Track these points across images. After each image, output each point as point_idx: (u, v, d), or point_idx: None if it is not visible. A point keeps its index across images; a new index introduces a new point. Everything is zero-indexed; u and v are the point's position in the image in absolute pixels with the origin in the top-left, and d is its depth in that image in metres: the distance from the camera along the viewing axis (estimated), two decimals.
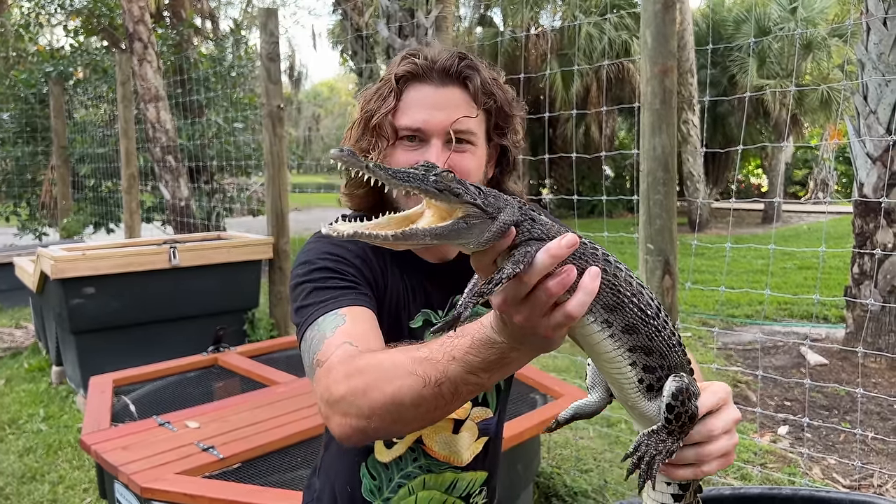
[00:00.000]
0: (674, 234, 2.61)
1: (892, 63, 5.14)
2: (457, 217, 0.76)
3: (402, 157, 1.24)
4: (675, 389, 0.85)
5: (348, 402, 0.98)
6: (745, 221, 17.32)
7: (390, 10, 6.68)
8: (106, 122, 10.13)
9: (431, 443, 1.37)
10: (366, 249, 1.29)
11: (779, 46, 16.11)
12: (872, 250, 5.21)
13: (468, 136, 1.24)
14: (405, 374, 0.92)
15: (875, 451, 3.89)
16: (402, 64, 1.25)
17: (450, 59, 1.23)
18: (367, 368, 0.97)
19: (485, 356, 0.86)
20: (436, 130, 1.22)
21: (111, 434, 2.69)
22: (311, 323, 1.15)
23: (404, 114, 1.24)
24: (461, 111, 1.23)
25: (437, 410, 0.94)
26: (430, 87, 1.24)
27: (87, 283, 4.48)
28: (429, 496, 1.39)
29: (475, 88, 1.24)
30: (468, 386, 0.89)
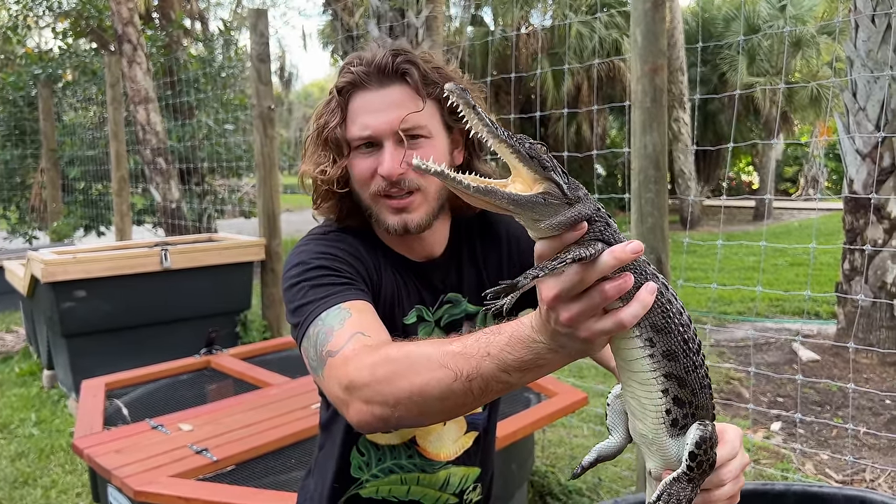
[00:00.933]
0: (665, 232, 2.61)
1: (880, 60, 5.17)
2: (537, 191, 0.76)
3: (361, 166, 1.26)
4: (699, 438, 0.85)
5: (373, 390, 0.98)
6: (737, 219, 17.39)
7: (380, 11, 6.66)
8: (95, 124, 10.08)
9: (425, 442, 1.37)
10: (359, 248, 1.29)
11: (768, 44, 16.18)
12: (862, 246, 5.24)
13: (419, 131, 1.24)
14: (436, 367, 0.92)
15: (867, 446, 3.91)
16: (342, 75, 1.26)
17: (384, 57, 1.23)
18: (397, 358, 0.97)
19: (520, 355, 0.86)
20: (384, 133, 1.23)
21: (104, 438, 2.67)
22: (313, 319, 1.15)
23: (352, 124, 1.25)
24: (406, 107, 1.23)
25: (464, 406, 0.95)
26: (371, 91, 1.24)
27: (78, 286, 4.46)
28: (422, 492, 1.40)
29: (415, 81, 1.23)
30: (499, 384, 0.89)
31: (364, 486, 1.40)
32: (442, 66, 1.29)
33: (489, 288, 0.81)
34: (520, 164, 0.76)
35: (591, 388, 4.43)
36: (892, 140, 5.20)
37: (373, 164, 1.24)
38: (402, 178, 1.24)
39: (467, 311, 1.36)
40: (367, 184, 1.27)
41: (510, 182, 0.78)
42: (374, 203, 1.27)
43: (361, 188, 1.28)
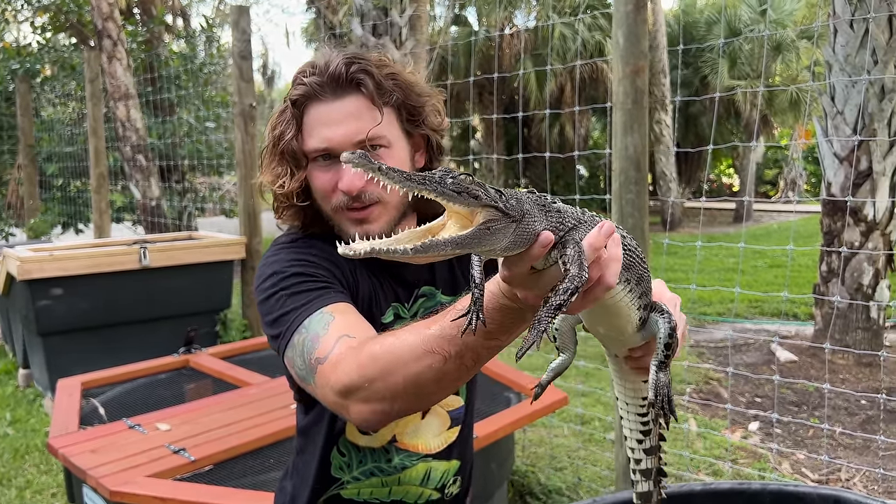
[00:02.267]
0: (646, 233, 2.63)
1: (858, 65, 5.24)
2: (478, 223, 0.72)
3: (321, 180, 1.25)
4: (669, 329, 0.92)
5: (367, 390, 0.99)
6: (717, 220, 17.54)
7: (364, 9, 6.65)
8: (74, 120, 9.96)
9: (402, 436, 1.38)
10: (331, 252, 1.28)
11: (749, 48, 16.34)
12: (840, 249, 5.31)
13: (378, 141, 1.23)
14: (424, 354, 0.93)
15: (843, 446, 3.96)
16: (295, 86, 1.25)
17: (338, 67, 1.21)
18: (381, 355, 0.98)
19: (501, 321, 0.88)
20: (342, 146, 1.22)
21: (80, 437, 2.64)
22: (297, 328, 1.14)
23: (309, 136, 1.24)
24: (363, 118, 1.23)
25: (460, 379, 0.98)
26: (326, 103, 1.23)
27: (54, 284, 4.41)
28: (404, 490, 1.41)
29: (370, 91, 1.22)
30: (489, 350, 0.93)
31: (345, 487, 1.40)
32: (398, 71, 1.28)
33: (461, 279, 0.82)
34: (451, 204, 0.72)
35: (571, 388, 4.45)
36: (869, 144, 5.27)
37: (333, 178, 1.24)
38: (363, 191, 1.23)
39: (442, 301, 1.37)
40: (328, 198, 1.26)
41: (447, 219, 0.75)
42: (336, 215, 1.27)
43: (322, 201, 1.27)
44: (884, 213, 5.37)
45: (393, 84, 1.25)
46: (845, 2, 5.25)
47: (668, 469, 3.52)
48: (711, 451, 3.83)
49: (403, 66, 1.30)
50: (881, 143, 5.26)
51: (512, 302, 0.85)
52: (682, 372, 5.27)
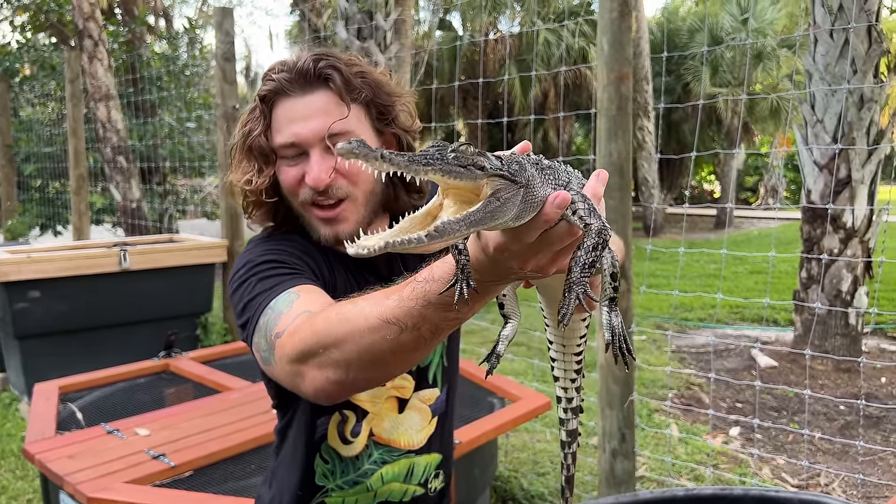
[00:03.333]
0: (629, 239, 2.64)
1: (837, 74, 5.31)
2: (486, 196, 0.67)
3: (288, 175, 1.24)
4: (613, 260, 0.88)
5: (322, 356, 0.97)
6: (699, 226, 17.68)
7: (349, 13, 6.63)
8: (53, 120, 9.84)
9: (379, 430, 1.37)
10: (306, 246, 1.28)
11: (731, 56, 16.52)
12: (820, 256, 5.37)
13: (346, 136, 1.21)
14: (380, 324, 0.90)
15: (822, 451, 4.00)
16: (265, 83, 1.25)
17: (306, 63, 1.21)
18: (336, 322, 0.96)
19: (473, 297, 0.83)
20: (310, 141, 1.22)
21: (56, 442, 2.60)
22: (263, 309, 1.13)
23: (277, 132, 1.24)
24: (331, 114, 1.22)
25: (418, 351, 0.94)
26: (294, 99, 1.23)
27: (32, 286, 4.34)
28: (388, 490, 1.39)
29: (339, 87, 1.21)
30: (449, 322, 0.89)
31: (330, 496, 1.38)
32: (367, 69, 1.27)
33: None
34: (457, 180, 0.67)
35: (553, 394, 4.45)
36: (848, 152, 5.34)
37: (299, 173, 1.23)
38: (330, 186, 1.22)
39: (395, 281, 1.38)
40: (295, 193, 1.25)
41: (443, 198, 0.71)
42: (305, 212, 1.26)
43: (290, 197, 1.27)
44: (862, 220, 5.44)
45: (362, 81, 1.24)
46: (825, 12, 5.32)
47: (649, 475, 3.54)
48: (693, 457, 3.85)
49: (374, 67, 1.30)
50: (860, 151, 5.33)
51: (478, 274, 0.81)
52: (664, 377, 5.30)
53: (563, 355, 1.04)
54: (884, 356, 5.76)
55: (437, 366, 1.43)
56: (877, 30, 5.24)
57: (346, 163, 0.89)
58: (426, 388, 1.40)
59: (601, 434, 2.75)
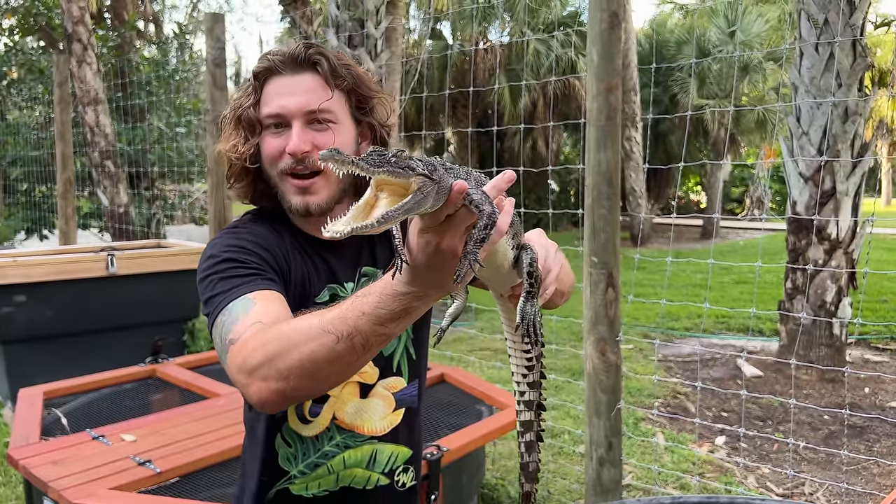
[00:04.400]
0: (617, 248, 2.66)
1: (823, 87, 5.38)
2: (414, 190, 0.84)
3: (271, 144, 1.34)
4: (530, 260, 1.07)
5: (267, 367, 1.04)
6: (685, 236, 17.80)
7: (340, 20, 6.65)
8: (41, 124, 9.78)
9: (342, 414, 1.40)
10: (267, 237, 1.36)
11: (717, 68, 16.67)
12: (806, 266, 5.42)
13: (327, 115, 1.33)
14: (319, 334, 1.00)
15: (806, 461, 4.03)
16: (259, 62, 1.37)
17: (298, 48, 1.35)
18: (282, 334, 1.04)
19: (392, 308, 0.95)
20: (293, 113, 1.32)
21: (41, 448, 2.58)
22: (221, 309, 1.20)
23: (265, 104, 1.35)
24: (315, 93, 1.33)
25: (351, 365, 1.03)
26: (284, 77, 1.34)
27: (17, 290, 4.31)
28: (350, 474, 1.42)
29: (325, 71, 1.34)
30: (378, 337, 0.98)
31: (293, 482, 1.41)
32: (351, 63, 1.39)
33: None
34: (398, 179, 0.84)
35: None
36: (833, 164, 5.40)
37: (281, 144, 1.32)
38: (307, 156, 1.32)
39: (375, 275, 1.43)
40: (275, 162, 1.35)
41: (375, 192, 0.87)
42: (281, 182, 1.35)
43: (270, 166, 1.36)
44: (846, 232, 5.50)
45: (346, 71, 1.36)
46: (811, 26, 5.39)
47: (635, 483, 3.55)
48: (679, 465, 3.86)
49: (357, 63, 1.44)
50: (844, 163, 5.40)
51: (407, 286, 0.93)
52: (651, 386, 5.33)
53: (514, 350, 1.20)
54: (867, 366, 5.82)
55: (401, 354, 1.47)
56: (861, 44, 5.32)
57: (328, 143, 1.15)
58: (391, 376, 1.45)
59: (588, 442, 2.76)
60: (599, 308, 2.63)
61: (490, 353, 6.17)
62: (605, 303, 2.62)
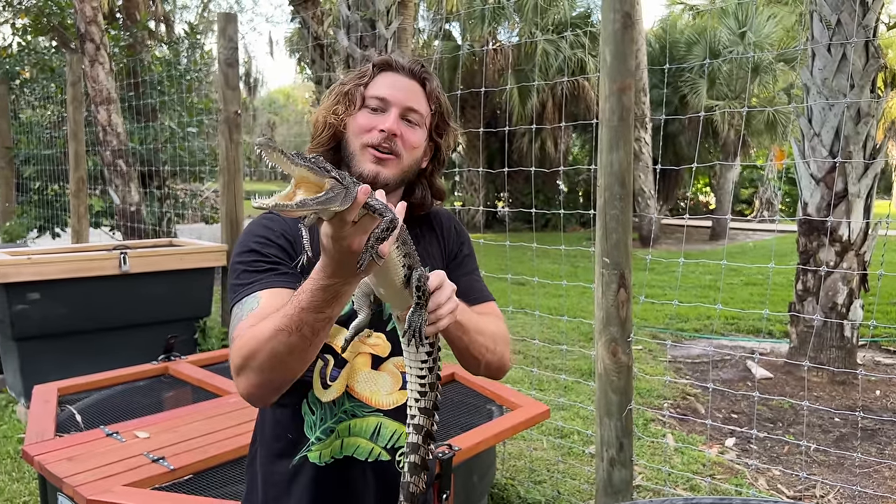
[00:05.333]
0: (629, 248, 2.66)
1: (835, 88, 5.36)
2: (327, 188, 1.02)
3: (364, 119, 1.49)
4: (418, 277, 1.23)
5: (246, 367, 1.26)
6: (694, 238, 17.75)
7: (351, 21, 6.67)
8: (53, 123, 9.85)
9: (353, 383, 1.49)
10: (294, 227, 1.48)
11: (727, 69, 16.61)
12: (819, 268, 5.40)
13: (417, 118, 1.51)
14: (275, 333, 1.19)
15: (817, 463, 4.02)
16: (380, 57, 1.56)
17: (415, 64, 1.55)
18: (251, 338, 1.25)
19: (324, 297, 1.16)
20: (397, 103, 1.50)
21: (55, 445, 2.60)
22: (238, 301, 1.38)
23: (374, 87, 1.51)
24: (418, 98, 1.53)
25: (307, 349, 1.22)
26: (399, 75, 1.53)
27: (31, 288, 4.34)
28: (355, 443, 1.49)
29: (430, 90, 1.54)
30: (321, 322, 1.19)
31: (311, 449, 1.49)
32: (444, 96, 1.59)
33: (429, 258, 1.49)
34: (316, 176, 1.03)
35: (550, 402, 4.47)
36: (844, 166, 5.38)
37: (375, 121, 1.48)
38: (394, 140, 1.47)
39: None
40: (362, 134, 1.48)
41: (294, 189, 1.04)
42: (361, 151, 1.49)
43: (356, 136, 1.50)
44: (858, 233, 5.48)
45: (441, 98, 1.57)
46: (823, 27, 5.37)
47: (645, 484, 3.55)
48: (689, 467, 3.86)
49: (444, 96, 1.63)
50: (856, 165, 5.37)
51: (329, 278, 1.14)
52: (660, 387, 5.32)
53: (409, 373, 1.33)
54: (879, 369, 5.79)
55: None
56: (874, 45, 5.29)
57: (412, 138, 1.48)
58: (400, 355, 1.51)
59: (598, 442, 2.77)
60: (611, 309, 2.63)
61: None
62: (617, 303, 2.62)
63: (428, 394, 1.33)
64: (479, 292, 1.63)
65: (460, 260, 1.64)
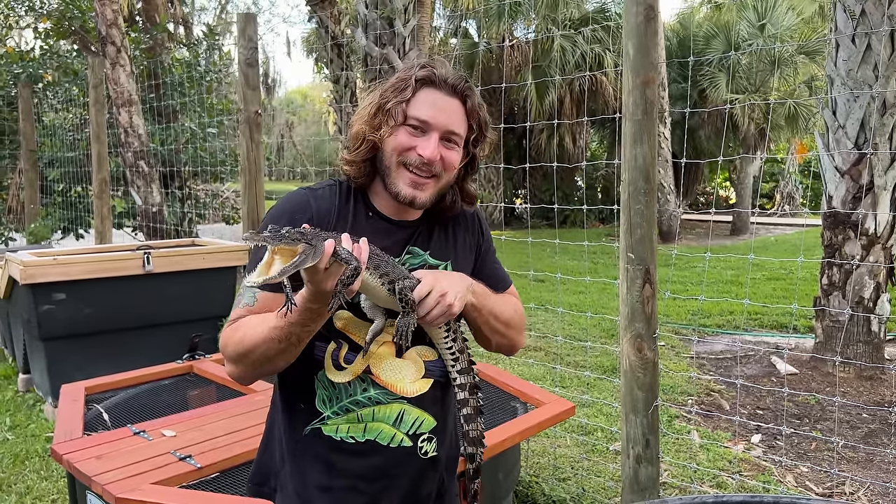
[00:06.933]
0: (654, 244, 2.63)
1: (860, 79, 5.27)
2: (300, 252, 1.21)
3: (404, 139, 1.53)
4: (401, 289, 1.42)
5: (240, 362, 1.47)
6: (714, 233, 17.59)
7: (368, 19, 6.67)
8: (76, 125, 9.96)
9: (378, 370, 1.57)
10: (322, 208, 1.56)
11: (747, 62, 16.42)
12: (850, 261, 5.32)
13: (456, 139, 1.56)
14: (267, 339, 1.40)
15: (846, 459, 3.96)
16: (422, 70, 1.55)
17: (458, 79, 1.56)
18: (245, 337, 1.44)
19: (308, 316, 1.36)
20: (438, 127, 1.53)
21: (84, 443, 2.62)
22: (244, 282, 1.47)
23: (416, 107, 1.53)
24: (458, 118, 1.56)
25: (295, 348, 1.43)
26: (441, 93, 1.55)
27: (57, 288, 4.39)
28: (378, 427, 1.55)
29: (471, 106, 1.57)
30: (306, 333, 1.39)
31: (326, 423, 1.56)
32: (483, 107, 1.62)
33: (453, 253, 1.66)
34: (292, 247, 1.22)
35: (574, 398, 4.44)
36: (870, 158, 5.30)
37: (415, 142, 1.52)
38: (433, 164, 1.53)
39: (428, 262, 1.62)
40: (401, 153, 1.53)
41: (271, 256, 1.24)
42: (398, 170, 1.54)
43: (393, 153, 1.54)
44: (885, 227, 5.39)
45: (481, 112, 1.60)
46: (847, 17, 5.29)
47: (670, 481, 3.53)
48: (715, 463, 3.82)
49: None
50: (882, 157, 5.29)
51: (310, 304, 1.32)
52: (684, 383, 5.27)
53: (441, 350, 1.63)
54: None
55: None
56: None
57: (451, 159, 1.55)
58: (423, 344, 1.63)
59: (624, 440, 2.74)
60: (636, 304, 2.61)
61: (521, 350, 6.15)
62: (642, 299, 2.60)
63: (460, 357, 1.60)
64: (503, 279, 1.76)
65: (485, 250, 1.75)
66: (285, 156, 30.54)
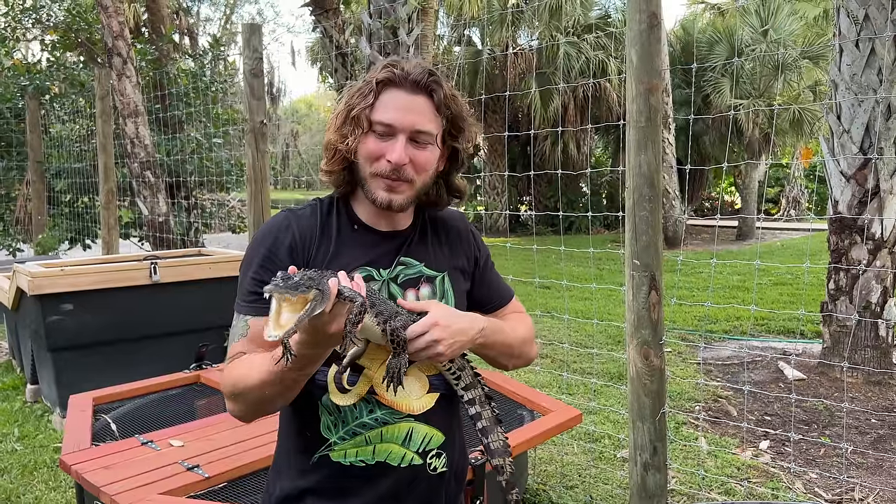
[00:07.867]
0: (660, 250, 2.63)
1: (864, 84, 5.27)
2: (310, 300, 1.16)
3: (372, 145, 1.48)
4: (392, 329, 1.35)
5: (237, 400, 1.41)
6: (720, 238, 17.55)
7: (372, 28, 6.71)
8: (82, 136, 10.02)
9: (382, 390, 1.50)
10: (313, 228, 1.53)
11: (751, 67, 16.43)
12: (857, 266, 5.30)
13: (427, 138, 1.49)
14: (263, 383, 1.33)
15: (855, 465, 3.94)
16: (383, 71, 1.49)
17: (421, 73, 1.48)
18: (242, 377, 1.38)
19: (303, 362, 1.27)
20: (403, 129, 1.47)
21: (92, 454, 2.64)
22: (235, 314, 1.49)
23: (379, 111, 1.47)
24: (425, 116, 1.48)
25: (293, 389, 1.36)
26: (403, 92, 1.48)
27: (65, 299, 4.41)
28: (387, 449, 1.50)
29: (438, 100, 1.49)
30: (303, 376, 1.32)
31: (333, 449, 1.50)
32: (457, 95, 1.54)
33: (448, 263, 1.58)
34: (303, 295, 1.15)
35: (580, 406, 4.44)
36: (875, 162, 5.29)
37: (384, 149, 1.47)
38: (403, 168, 1.47)
39: (424, 273, 1.57)
40: (371, 162, 1.49)
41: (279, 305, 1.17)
42: (372, 179, 1.50)
43: (365, 163, 1.50)
44: (891, 231, 5.38)
45: (452, 103, 1.52)
46: (850, 21, 5.29)
47: (678, 488, 3.51)
48: (723, 470, 3.81)
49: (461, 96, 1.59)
50: (888, 161, 5.28)
51: (308, 349, 1.24)
52: (691, 390, 5.26)
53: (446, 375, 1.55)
54: None
55: None
56: None
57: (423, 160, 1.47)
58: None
59: (632, 447, 2.74)
60: (642, 311, 2.61)
61: None
62: (648, 306, 2.60)
63: (462, 375, 1.53)
64: (504, 293, 1.73)
65: (482, 263, 1.70)
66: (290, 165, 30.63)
